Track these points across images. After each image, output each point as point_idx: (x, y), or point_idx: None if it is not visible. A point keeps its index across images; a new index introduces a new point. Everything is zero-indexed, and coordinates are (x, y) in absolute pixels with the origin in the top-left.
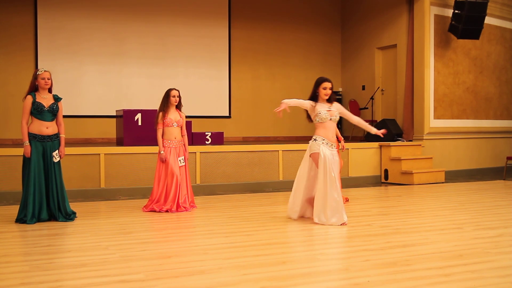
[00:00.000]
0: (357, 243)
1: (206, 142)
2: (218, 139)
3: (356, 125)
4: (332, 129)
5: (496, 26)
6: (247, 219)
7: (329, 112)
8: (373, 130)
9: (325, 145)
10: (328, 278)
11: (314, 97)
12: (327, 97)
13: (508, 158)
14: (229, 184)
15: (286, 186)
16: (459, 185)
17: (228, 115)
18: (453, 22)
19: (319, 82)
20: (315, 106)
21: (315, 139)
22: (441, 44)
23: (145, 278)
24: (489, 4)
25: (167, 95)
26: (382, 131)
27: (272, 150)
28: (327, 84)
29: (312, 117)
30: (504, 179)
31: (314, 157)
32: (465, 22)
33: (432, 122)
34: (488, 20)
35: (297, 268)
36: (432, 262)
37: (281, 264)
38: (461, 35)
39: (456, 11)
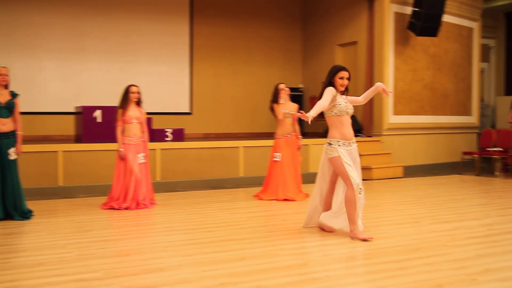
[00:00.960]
0: (316, 238)
1: (167, 139)
2: (178, 135)
3: (367, 99)
4: (349, 125)
5: (454, 24)
6: (207, 215)
7: (346, 104)
8: (379, 87)
9: (342, 147)
10: (287, 274)
11: (327, 86)
12: (343, 88)
13: (464, 153)
14: (190, 181)
15: (246, 182)
16: (417, 180)
17: (189, 111)
18: (412, 20)
19: (335, 71)
20: (335, 96)
21: (330, 143)
22: (401, 41)
23: (103, 277)
24: (447, 2)
25: (127, 91)
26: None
27: (232, 147)
28: (345, 74)
29: (327, 109)
30: (460, 174)
31: (333, 162)
32: (424, 20)
33: (391, 118)
34: (446, 18)
35: (256, 264)
36: (390, 256)
37: (240, 260)
38: (420, 33)
39: (415, 9)
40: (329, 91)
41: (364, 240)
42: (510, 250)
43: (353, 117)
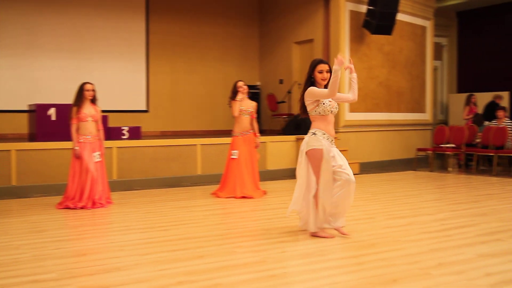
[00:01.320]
0: (273, 235)
1: (123, 137)
2: (135, 133)
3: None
4: (332, 124)
5: (408, 22)
6: (165, 214)
7: (331, 104)
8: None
9: (325, 140)
10: (245, 271)
11: (311, 83)
12: (325, 82)
13: (418, 150)
14: (147, 179)
15: (204, 180)
16: (372, 176)
17: (145, 109)
18: (367, 18)
19: (313, 65)
20: None
21: (314, 133)
22: (356, 39)
23: (58, 277)
24: (401, 1)
25: (81, 89)
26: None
27: (190, 144)
28: (323, 66)
29: (310, 108)
30: (414, 170)
31: (313, 154)
32: (379, 18)
33: (347, 115)
34: (400, 16)
35: (214, 261)
36: (346, 252)
37: (198, 258)
38: (375, 31)
39: (370, 7)
40: (310, 90)
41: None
42: (463, 244)
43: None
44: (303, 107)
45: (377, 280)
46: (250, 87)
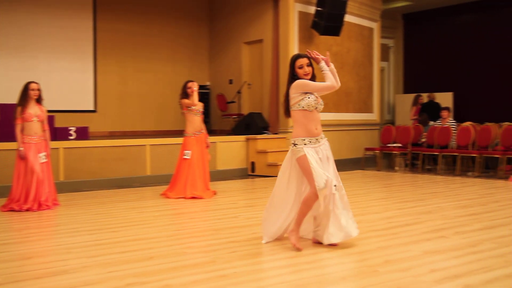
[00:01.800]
0: (224, 235)
1: (70, 137)
2: (82, 134)
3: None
4: (317, 121)
5: (355, 24)
6: (113, 215)
7: (316, 99)
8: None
9: (309, 144)
10: (195, 271)
11: (293, 81)
12: (308, 77)
13: (366, 149)
14: (95, 180)
15: (153, 180)
16: None
17: (93, 109)
18: (315, 19)
19: (293, 60)
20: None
21: (294, 144)
22: (305, 40)
23: (3, 281)
24: (348, 2)
25: (26, 88)
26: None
27: (139, 145)
28: (302, 61)
29: (293, 102)
30: (362, 169)
31: (301, 161)
32: (327, 19)
33: None
34: (347, 18)
35: (164, 263)
36: (295, 251)
37: (147, 260)
38: (323, 32)
39: (318, 9)
40: (296, 83)
41: (295, 247)
42: (408, 242)
43: (259, 114)
44: (288, 107)
45: (326, 278)
46: (199, 87)
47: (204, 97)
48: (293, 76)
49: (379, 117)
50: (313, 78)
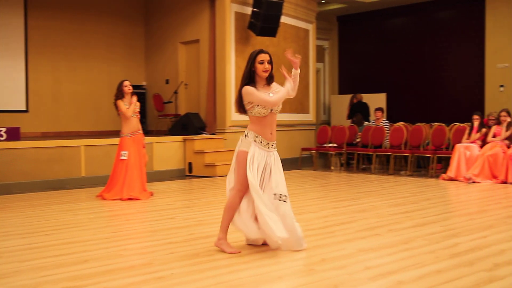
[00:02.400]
0: (161, 236)
1: (0, 138)
2: (14, 134)
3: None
4: (273, 125)
5: (291, 25)
6: (47, 218)
7: None
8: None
9: (258, 144)
10: (131, 274)
11: (250, 77)
12: (266, 74)
13: (303, 149)
14: (27, 182)
15: (88, 182)
16: None
17: (25, 109)
18: (252, 20)
19: (253, 55)
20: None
21: (246, 135)
22: (241, 40)
23: None
24: (284, 4)
25: None
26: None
27: (73, 146)
28: (264, 56)
29: (247, 108)
30: (299, 169)
31: (240, 155)
32: (263, 20)
33: (234, 116)
34: (284, 19)
35: (99, 265)
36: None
37: (82, 263)
38: (260, 33)
39: (254, 10)
40: (251, 90)
41: (232, 253)
42: (344, 240)
43: (196, 115)
44: (240, 104)
45: (262, 278)
46: (135, 87)
47: (140, 97)
48: (250, 71)
49: (315, 117)
50: (271, 78)
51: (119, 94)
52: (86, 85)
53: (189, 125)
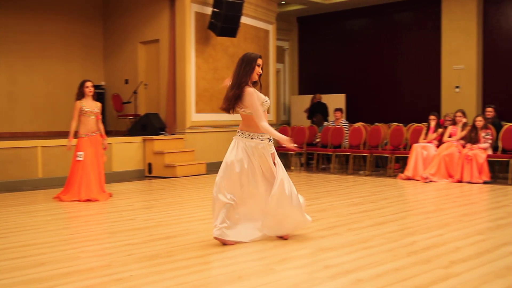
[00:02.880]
0: (120, 238)
1: None
2: None
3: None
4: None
5: (251, 25)
6: (3, 220)
7: (267, 102)
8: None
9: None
10: (89, 276)
11: (247, 77)
12: (256, 78)
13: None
14: None
15: (46, 183)
16: None
17: None
18: (212, 20)
19: (256, 57)
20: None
21: (269, 139)
22: (202, 40)
23: None
24: (244, 4)
25: None
26: None
27: (30, 146)
28: (261, 61)
29: (240, 106)
30: None
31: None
32: (223, 21)
33: (194, 116)
34: (244, 19)
35: (56, 268)
36: (193, 252)
37: (39, 266)
38: (220, 33)
39: (215, 10)
40: (255, 96)
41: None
42: (304, 239)
43: (156, 115)
44: (235, 102)
45: (223, 278)
46: (94, 87)
47: (99, 97)
48: (247, 72)
49: (275, 117)
50: (260, 80)
51: (80, 94)
52: (43, 84)
53: (148, 126)
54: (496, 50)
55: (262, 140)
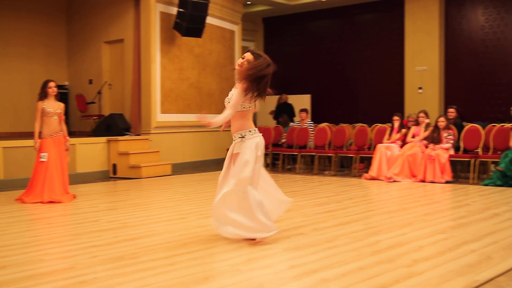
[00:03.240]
0: (84, 240)
1: None
2: None
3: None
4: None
5: (217, 26)
6: None
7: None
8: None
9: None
10: (52, 279)
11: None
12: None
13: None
14: None
15: (8, 185)
16: (185, 177)
17: None
18: (177, 20)
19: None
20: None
21: (253, 131)
22: (167, 40)
23: None
24: (210, 5)
25: None
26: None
27: None
28: (244, 55)
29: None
30: None
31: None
32: (189, 21)
33: (159, 117)
34: (209, 20)
35: (19, 271)
36: (159, 253)
37: (1, 269)
38: (185, 33)
39: (180, 10)
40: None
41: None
42: (269, 240)
43: (120, 115)
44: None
45: (188, 280)
46: (58, 87)
47: (62, 97)
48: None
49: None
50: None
51: (42, 94)
52: (5, 84)
53: (113, 126)
54: (457, 52)
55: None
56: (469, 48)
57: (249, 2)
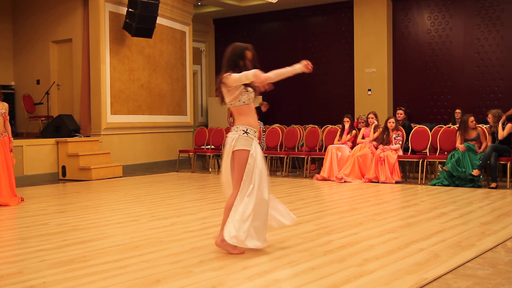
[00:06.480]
0: (32, 243)
1: None
2: None
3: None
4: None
5: (168, 26)
6: None
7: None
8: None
9: (256, 140)
10: (0, 284)
11: (235, 70)
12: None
13: (181, 151)
14: None
15: None
16: (136, 179)
17: None
18: (127, 20)
19: (243, 48)
20: None
21: (246, 131)
22: (117, 41)
23: None
24: (160, 5)
25: None
26: None
27: None
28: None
29: (230, 99)
30: (177, 171)
31: (241, 156)
32: (139, 21)
33: (109, 118)
34: (160, 20)
35: None
36: (109, 256)
37: None
38: (135, 33)
39: (130, 10)
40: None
41: (240, 252)
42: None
43: (69, 116)
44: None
45: (140, 282)
46: (3, 87)
47: (8, 97)
48: (236, 65)
49: (193, 119)
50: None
51: None
52: None
53: (62, 127)
54: (404, 55)
55: (236, 132)
56: (416, 51)
57: (200, 4)
